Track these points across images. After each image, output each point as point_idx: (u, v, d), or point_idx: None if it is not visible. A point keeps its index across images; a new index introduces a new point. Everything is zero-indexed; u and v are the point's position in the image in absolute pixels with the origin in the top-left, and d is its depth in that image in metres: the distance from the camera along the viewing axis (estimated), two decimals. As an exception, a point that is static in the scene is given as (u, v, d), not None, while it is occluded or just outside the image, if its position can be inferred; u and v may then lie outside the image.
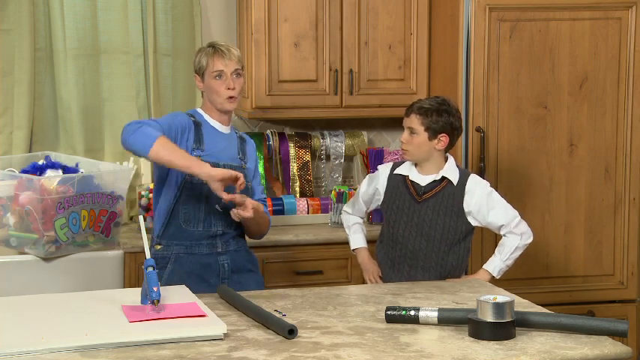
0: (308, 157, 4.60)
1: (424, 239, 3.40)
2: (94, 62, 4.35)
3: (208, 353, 2.44)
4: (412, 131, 3.37)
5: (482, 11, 4.09)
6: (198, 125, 3.39)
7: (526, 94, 4.16)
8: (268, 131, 4.60)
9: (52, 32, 4.27)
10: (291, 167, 4.58)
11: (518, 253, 3.42)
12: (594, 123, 4.24)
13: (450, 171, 3.41)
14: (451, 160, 3.45)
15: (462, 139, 4.16)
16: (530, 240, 3.42)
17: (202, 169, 3.14)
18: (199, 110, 3.48)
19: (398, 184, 3.47)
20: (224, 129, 3.46)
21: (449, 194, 3.39)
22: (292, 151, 4.58)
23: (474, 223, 3.42)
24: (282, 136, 4.60)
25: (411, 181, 3.43)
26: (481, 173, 4.09)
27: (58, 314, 2.71)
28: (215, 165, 3.27)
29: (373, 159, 4.50)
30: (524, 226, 3.42)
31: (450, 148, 3.41)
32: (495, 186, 4.14)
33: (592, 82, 4.21)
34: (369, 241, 3.67)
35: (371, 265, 3.59)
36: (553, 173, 4.23)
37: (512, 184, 4.19)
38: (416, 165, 3.44)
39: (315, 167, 4.69)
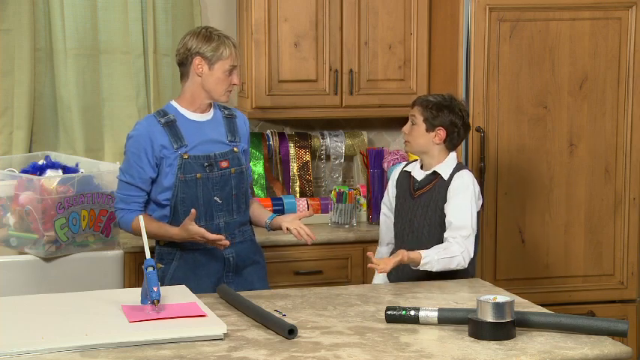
0: (308, 157, 4.60)
1: (414, 236, 3.40)
2: (94, 62, 4.35)
3: (208, 353, 2.44)
4: (413, 121, 3.42)
5: (482, 11, 4.08)
6: (172, 123, 3.34)
7: (526, 94, 4.16)
8: (268, 131, 4.59)
9: (52, 32, 4.26)
10: (291, 167, 4.57)
11: (450, 265, 3.23)
12: (594, 123, 4.23)
13: (444, 166, 3.39)
14: (452, 156, 3.42)
15: (462, 139, 4.17)
16: (463, 264, 3.25)
17: (179, 237, 3.30)
18: (173, 104, 3.41)
19: (403, 180, 3.52)
20: (204, 117, 3.41)
21: (438, 189, 3.38)
22: (292, 151, 4.58)
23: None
24: (282, 136, 4.59)
25: (412, 177, 3.47)
26: (481, 173, 4.09)
27: (58, 314, 2.71)
28: (205, 158, 3.33)
29: (373, 159, 4.50)
30: (470, 245, 3.27)
31: (451, 145, 3.41)
32: (495, 186, 4.16)
33: (592, 82, 4.21)
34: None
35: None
36: (553, 173, 4.23)
37: (512, 184, 4.19)
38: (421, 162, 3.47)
39: (315, 167, 4.69)
